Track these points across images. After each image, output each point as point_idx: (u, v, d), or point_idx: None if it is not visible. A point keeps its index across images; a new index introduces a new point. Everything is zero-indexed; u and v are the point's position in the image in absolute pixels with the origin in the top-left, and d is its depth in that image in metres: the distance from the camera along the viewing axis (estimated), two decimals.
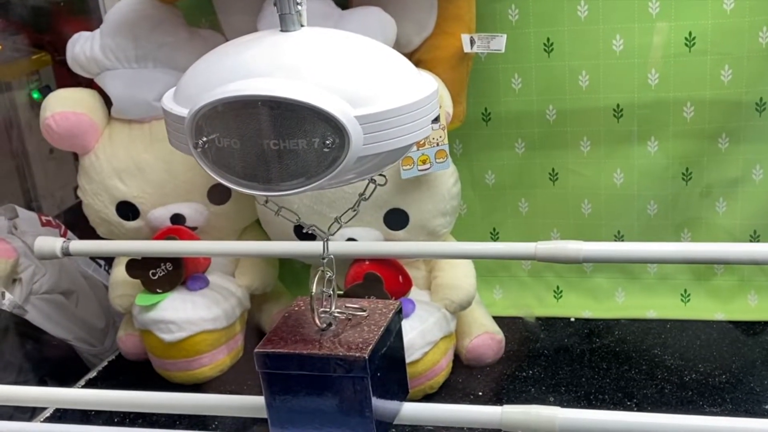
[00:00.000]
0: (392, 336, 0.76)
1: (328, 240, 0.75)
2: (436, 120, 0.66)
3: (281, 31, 0.65)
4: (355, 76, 0.62)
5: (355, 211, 0.74)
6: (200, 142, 0.62)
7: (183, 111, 0.63)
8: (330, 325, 0.75)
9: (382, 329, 0.74)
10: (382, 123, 0.61)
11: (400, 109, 0.61)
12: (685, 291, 1.32)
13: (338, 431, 0.73)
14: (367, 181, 0.71)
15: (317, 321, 0.74)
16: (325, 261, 0.75)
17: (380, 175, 0.68)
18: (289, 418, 0.74)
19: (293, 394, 0.73)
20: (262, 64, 0.62)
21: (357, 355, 0.70)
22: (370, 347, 0.71)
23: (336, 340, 0.73)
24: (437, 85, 0.67)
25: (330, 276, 0.75)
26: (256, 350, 0.73)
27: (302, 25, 0.65)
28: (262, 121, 0.60)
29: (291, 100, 0.59)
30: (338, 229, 0.75)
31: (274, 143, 0.60)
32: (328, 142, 0.60)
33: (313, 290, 0.74)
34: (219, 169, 0.63)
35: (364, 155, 0.61)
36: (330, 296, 0.75)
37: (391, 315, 0.76)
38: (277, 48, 0.63)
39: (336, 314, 0.75)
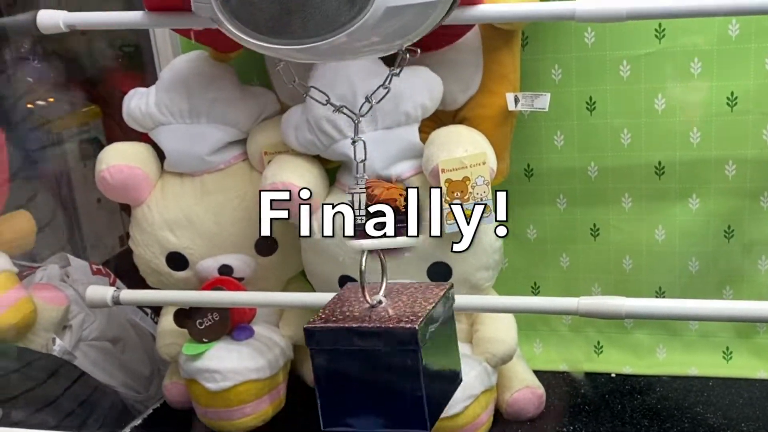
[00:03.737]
0: (443, 314, 0.75)
1: (359, 122, 0.74)
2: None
3: None
4: None
5: (386, 88, 0.73)
6: None
7: None
8: (380, 302, 0.74)
9: (432, 304, 0.73)
10: None
11: None
12: (727, 348, 1.31)
13: (389, 409, 0.71)
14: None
15: (367, 298, 0.73)
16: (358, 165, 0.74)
17: (411, 47, 0.66)
18: (338, 397, 0.73)
19: (343, 370, 0.72)
20: None
21: (408, 326, 0.69)
22: (421, 319, 0.70)
23: (386, 314, 0.72)
24: None
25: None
26: (305, 326, 0.72)
27: None
28: None
29: None
30: (369, 109, 0.74)
31: None
32: None
33: (363, 266, 0.73)
34: (243, 26, 0.62)
35: (393, 5, 0.59)
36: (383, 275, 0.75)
37: (442, 294, 0.76)
38: None
39: (385, 294, 0.75)
